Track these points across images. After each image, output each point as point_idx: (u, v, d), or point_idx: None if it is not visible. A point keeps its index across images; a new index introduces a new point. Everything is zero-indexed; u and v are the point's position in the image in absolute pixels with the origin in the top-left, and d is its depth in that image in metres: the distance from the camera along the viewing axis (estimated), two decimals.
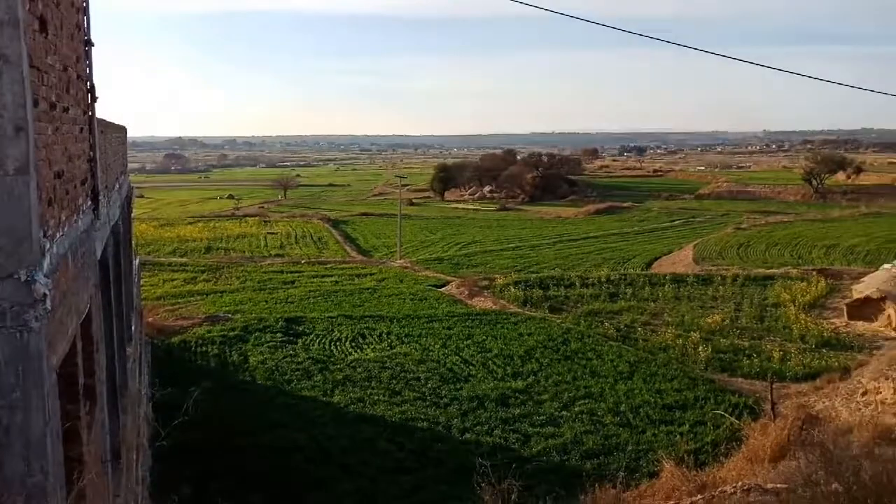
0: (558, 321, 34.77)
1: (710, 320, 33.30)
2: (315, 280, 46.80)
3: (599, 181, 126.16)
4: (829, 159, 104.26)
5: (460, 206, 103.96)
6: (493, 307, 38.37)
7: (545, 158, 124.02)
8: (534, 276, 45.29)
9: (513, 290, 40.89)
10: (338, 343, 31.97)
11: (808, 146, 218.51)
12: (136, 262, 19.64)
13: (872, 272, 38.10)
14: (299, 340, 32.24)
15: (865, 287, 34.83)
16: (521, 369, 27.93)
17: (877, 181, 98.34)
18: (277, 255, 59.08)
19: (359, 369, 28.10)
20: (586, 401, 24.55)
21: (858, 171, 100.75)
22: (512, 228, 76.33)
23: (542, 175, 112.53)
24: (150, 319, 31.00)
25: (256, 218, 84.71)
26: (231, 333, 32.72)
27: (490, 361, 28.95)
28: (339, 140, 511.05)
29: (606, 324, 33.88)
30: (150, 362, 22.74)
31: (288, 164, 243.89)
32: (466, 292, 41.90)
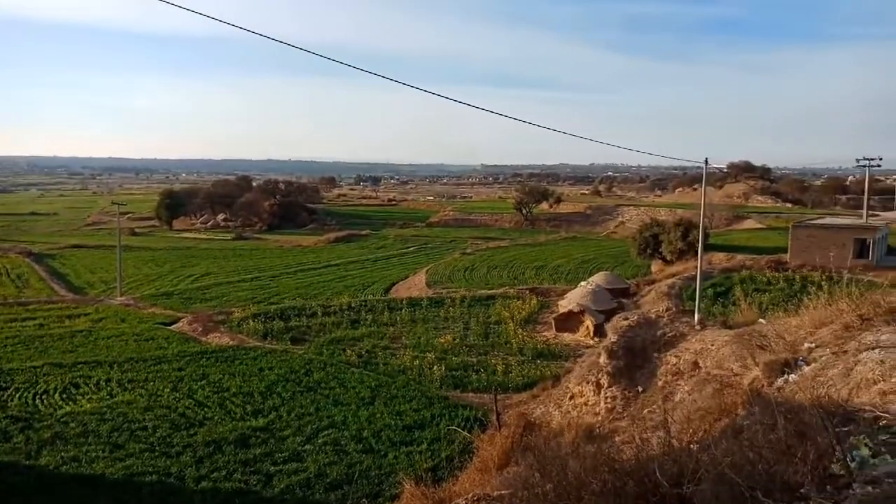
0: (300, 352, 34.36)
1: (442, 340, 35.53)
2: (14, 324, 40.61)
3: (338, 209, 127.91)
4: (534, 191, 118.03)
5: (191, 235, 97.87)
6: (231, 343, 36.64)
7: (283, 186, 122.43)
8: (274, 307, 44.26)
9: (252, 323, 39.50)
10: (44, 396, 28.01)
11: (518, 179, 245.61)
12: None
13: (573, 289, 43.92)
14: None
15: (568, 302, 40.03)
16: (261, 406, 27.00)
17: (572, 209, 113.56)
18: None
19: (72, 424, 24.92)
20: (330, 431, 24.56)
21: (558, 200, 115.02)
22: (250, 258, 73.78)
23: (280, 203, 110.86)
24: None
25: None
26: None
27: (228, 401, 27.55)
28: (42, 162, 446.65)
29: (349, 351, 34.33)
30: None
31: None
32: (200, 328, 39.45)
